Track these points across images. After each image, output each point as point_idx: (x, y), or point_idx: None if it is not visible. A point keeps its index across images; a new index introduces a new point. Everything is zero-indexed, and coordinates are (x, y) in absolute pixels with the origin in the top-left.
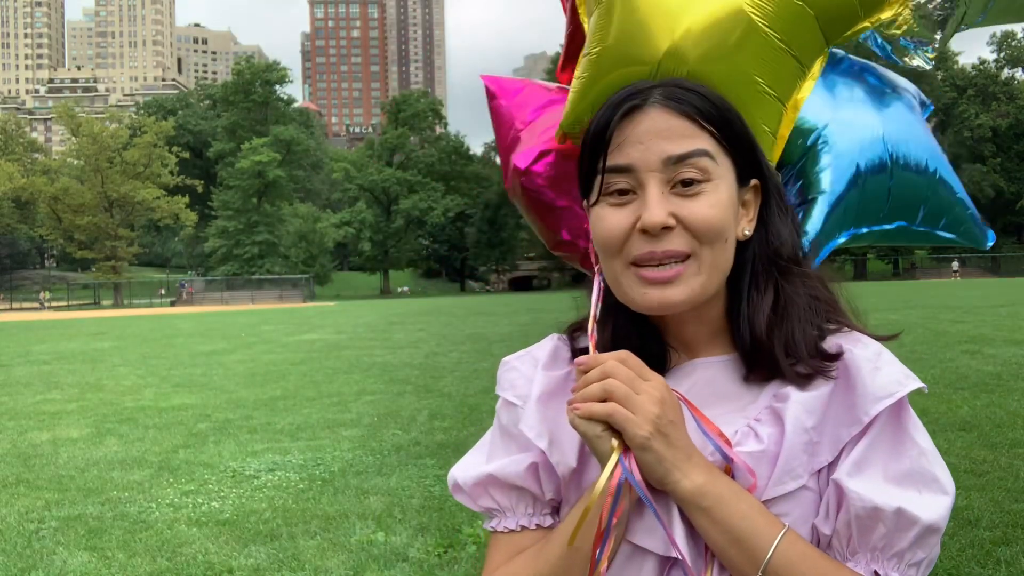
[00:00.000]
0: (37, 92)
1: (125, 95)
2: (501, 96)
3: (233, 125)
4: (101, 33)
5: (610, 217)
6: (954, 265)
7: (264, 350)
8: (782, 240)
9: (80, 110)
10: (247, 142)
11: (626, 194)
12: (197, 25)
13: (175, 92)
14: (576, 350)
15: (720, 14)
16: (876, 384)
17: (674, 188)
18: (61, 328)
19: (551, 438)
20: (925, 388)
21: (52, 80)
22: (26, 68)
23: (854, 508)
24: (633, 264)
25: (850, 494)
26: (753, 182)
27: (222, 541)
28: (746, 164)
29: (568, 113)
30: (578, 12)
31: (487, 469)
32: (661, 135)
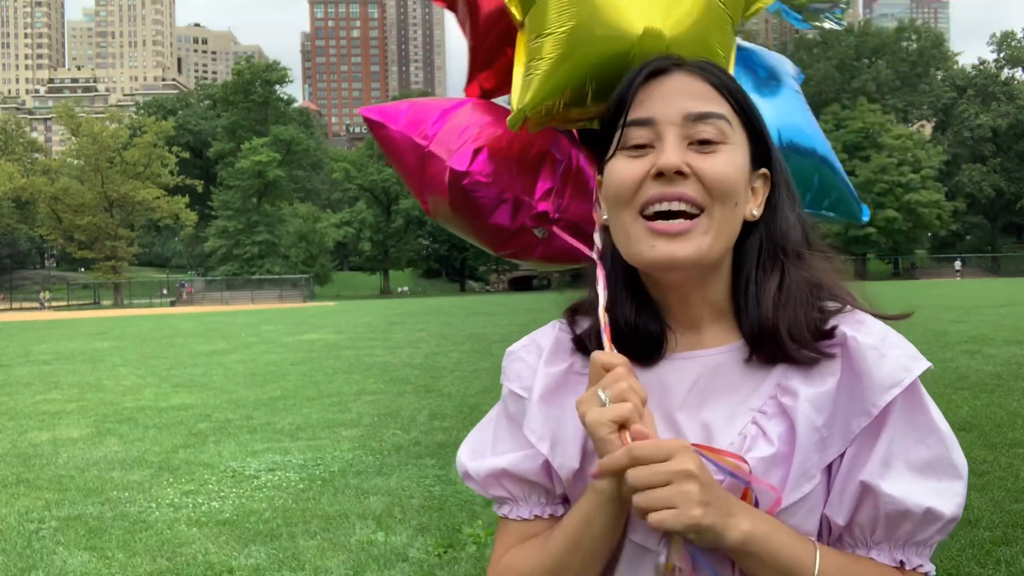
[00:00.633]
0: (37, 92)
1: (125, 95)
2: (389, 122)
3: (233, 125)
4: (101, 33)
5: (625, 167)
6: (956, 265)
7: (264, 350)
8: (790, 225)
9: (80, 110)
10: (247, 142)
11: (643, 148)
12: (197, 25)
13: (175, 92)
14: (577, 336)
15: None
16: (883, 372)
17: (691, 145)
18: (61, 328)
19: (553, 439)
20: (931, 367)
21: (52, 80)
22: (26, 68)
23: (885, 508)
24: (643, 216)
25: (883, 496)
26: (763, 171)
27: (222, 541)
28: (758, 149)
29: (535, 93)
30: (485, 17)
31: (500, 464)
32: (683, 93)
